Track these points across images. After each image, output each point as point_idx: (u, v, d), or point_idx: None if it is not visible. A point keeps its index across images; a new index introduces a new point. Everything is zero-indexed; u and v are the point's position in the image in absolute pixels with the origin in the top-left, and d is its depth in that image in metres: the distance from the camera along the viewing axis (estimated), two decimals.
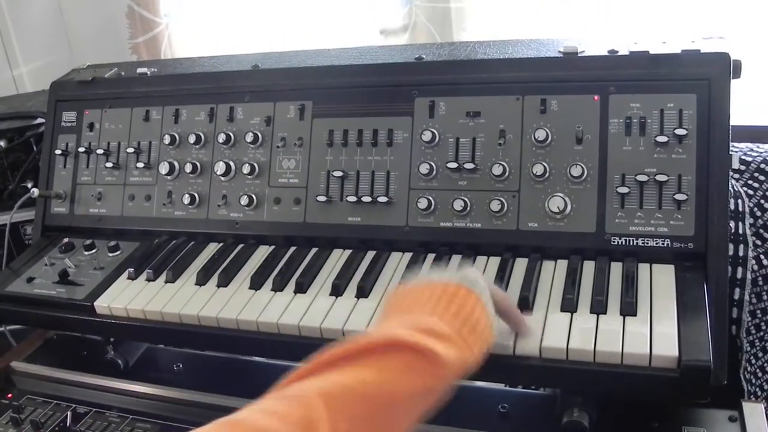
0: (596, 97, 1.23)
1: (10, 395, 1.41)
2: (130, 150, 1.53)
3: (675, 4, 1.85)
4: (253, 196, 1.42)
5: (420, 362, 0.84)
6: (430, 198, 1.29)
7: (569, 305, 1.10)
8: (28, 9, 2.52)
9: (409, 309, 0.94)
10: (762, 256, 1.37)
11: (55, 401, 1.37)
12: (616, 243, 1.19)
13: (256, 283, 1.31)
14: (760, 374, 1.42)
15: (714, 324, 1.05)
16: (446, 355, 0.85)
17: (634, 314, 1.07)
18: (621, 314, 1.07)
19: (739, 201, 1.36)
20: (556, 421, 1.13)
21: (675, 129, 1.17)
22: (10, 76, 2.57)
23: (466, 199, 1.27)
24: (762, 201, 1.39)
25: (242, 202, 1.42)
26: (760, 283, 1.37)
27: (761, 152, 1.44)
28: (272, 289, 1.29)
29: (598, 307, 1.09)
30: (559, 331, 1.06)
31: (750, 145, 1.48)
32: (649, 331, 1.03)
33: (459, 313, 0.92)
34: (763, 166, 1.42)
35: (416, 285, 0.98)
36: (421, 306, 0.93)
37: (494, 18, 2.04)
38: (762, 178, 1.41)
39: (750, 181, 1.41)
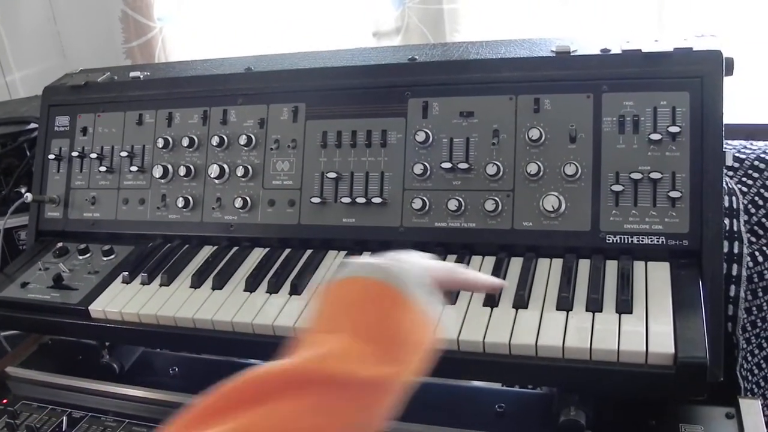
0: (589, 96, 1.23)
1: (5, 401, 1.40)
2: (124, 154, 1.53)
3: (667, 3, 1.85)
4: (248, 198, 1.41)
5: (338, 391, 0.70)
6: (425, 198, 1.29)
7: (565, 304, 1.10)
8: (21, 15, 2.52)
9: (329, 320, 0.80)
10: (757, 253, 1.37)
11: (50, 406, 1.37)
12: (610, 241, 1.19)
13: (251, 286, 1.31)
14: (756, 371, 1.42)
15: (710, 321, 1.05)
16: (368, 375, 0.72)
17: (630, 312, 1.07)
18: (617, 312, 1.07)
19: (734, 198, 1.36)
20: (553, 419, 1.13)
21: (668, 127, 1.17)
22: (3, 82, 2.56)
23: (460, 199, 1.26)
24: (756, 198, 1.39)
25: (236, 205, 1.41)
26: (756, 280, 1.37)
27: (755, 149, 1.45)
28: (267, 291, 1.29)
29: (594, 306, 1.09)
30: (555, 330, 1.06)
31: (744, 142, 1.48)
32: (645, 329, 1.03)
33: (382, 323, 0.77)
34: (757, 163, 1.42)
35: (340, 284, 0.83)
36: (341, 318, 0.79)
37: (487, 19, 2.04)
38: (756, 175, 1.42)
39: (744, 178, 1.41)
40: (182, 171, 1.46)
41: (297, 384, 0.68)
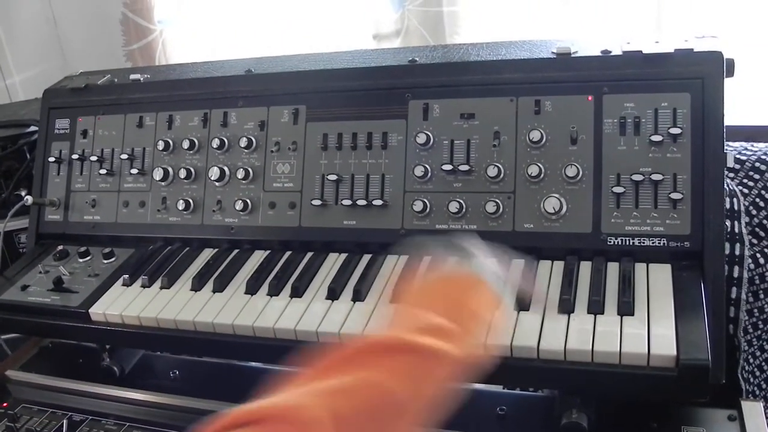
0: (590, 98, 1.23)
1: (5, 404, 1.40)
2: (124, 156, 1.53)
3: (665, 5, 1.85)
4: (248, 201, 1.41)
5: (426, 362, 0.83)
6: (426, 200, 1.28)
7: (566, 306, 1.10)
8: (21, 17, 2.52)
9: (417, 304, 0.93)
10: (758, 255, 1.37)
11: (51, 410, 1.37)
12: (612, 243, 1.18)
13: (251, 288, 1.30)
14: (757, 373, 1.41)
15: (711, 323, 1.05)
16: (452, 354, 0.85)
17: (632, 314, 1.06)
18: (618, 314, 1.07)
19: (735, 200, 1.36)
20: (554, 422, 1.13)
21: (669, 128, 1.17)
22: (3, 85, 2.56)
23: (461, 201, 1.26)
24: (757, 200, 1.39)
25: (237, 207, 1.41)
26: (757, 281, 1.37)
27: (756, 151, 1.44)
28: (268, 294, 1.29)
29: (596, 308, 1.09)
30: (557, 332, 1.06)
31: (744, 144, 1.48)
32: (647, 331, 1.03)
33: (465, 306, 0.92)
34: (758, 164, 1.42)
35: (427, 279, 1.01)
36: (429, 302, 0.93)
37: (487, 22, 2.04)
38: (757, 176, 1.41)
39: (745, 180, 1.41)
40: (183, 173, 1.46)
41: (394, 351, 0.82)
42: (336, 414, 0.71)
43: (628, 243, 1.18)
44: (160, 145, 1.49)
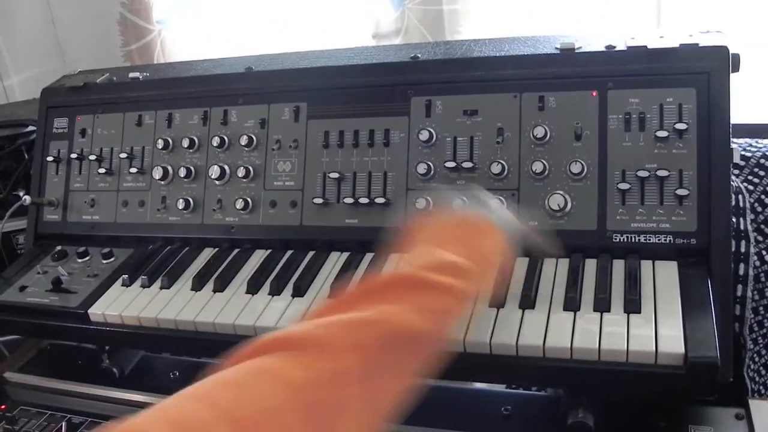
0: (594, 93, 1.22)
1: (3, 406, 1.38)
2: (123, 155, 1.52)
3: (664, 1, 1.85)
4: (249, 199, 1.40)
5: (441, 298, 0.86)
6: (428, 198, 1.27)
7: (572, 304, 1.09)
8: (19, 18, 2.50)
9: (433, 242, 0.96)
10: (764, 252, 1.36)
11: (49, 412, 1.36)
12: (617, 240, 1.17)
13: (252, 288, 1.29)
14: (763, 371, 1.40)
15: (719, 320, 1.03)
16: (466, 291, 0.90)
17: (638, 312, 1.05)
18: (625, 312, 1.06)
19: (740, 196, 1.35)
20: (560, 422, 1.12)
21: (675, 124, 1.16)
22: (1, 86, 2.55)
23: (464, 199, 1.25)
24: (763, 196, 1.38)
25: (237, 206, 1.40)
26: (763, 279, 1.36)
27: (761, 147, 1.43)
28: (269, 294, 1.27)
29: (602, 306, 1.07)
30: (563, 330, 1.04)
31: (749, 140, 1.47)
32: (654, 329, 1.01)
33: (479, 248, 0.96)
34: (762, 161, 1.40)
35: (441, 219, 1.04)
36: (444, 241, 0.95)
37: (487, 20, 2.03)
38: (762, 173, 1.40)
39: (750, 177, 1.40)
40: (182, 172, 1.45)
41: (412, 287, 0.85)
42: (358, 344, 0.74)
43: (633, 240, 1.16)
44: (160, 144, 1.48)
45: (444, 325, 0.87)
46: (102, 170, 1.53)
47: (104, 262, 1.45)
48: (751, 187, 1.39)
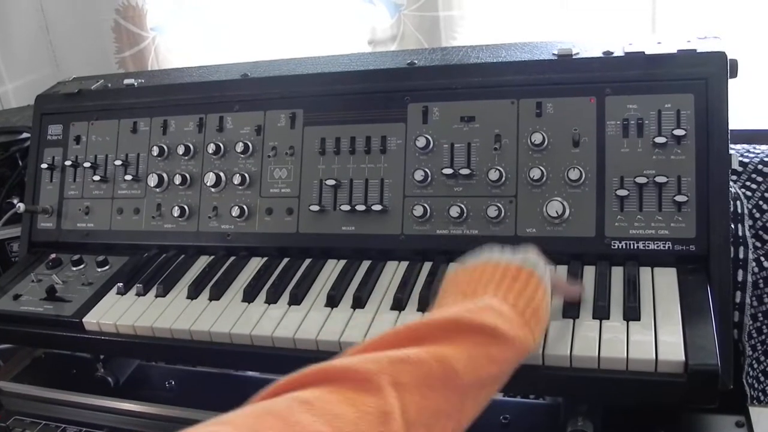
0: (592, 99, 1.21)
1: None
2: (118, 162, 1.51)
3: (659, 8, 1.84)
4: (245, 207, 1.39)
5: (486, 342, 0.83)
6: (426, 205, 1.27)
7: (571, 311, 1.08)
8: (13, 24, 2.49)
9: (471, 290, 0.93)
10: (762, 258, 1.35)
11: (44, 422, 1.35)
12: (616, 247, 1.17)
13: (249, 296, 1.28)
14: (762, 378, 1.40)
15: (719, 327, 1.03)
16: (512, 335, 0.86)
17: (638, 319, 1.05)
18: (624, 319, 1.05)
19: (738, 203, 1.34)
20: (560, 430, 1.11)
21: (673, 129, 1.16)
22: None
23: (462, 206, 1.24)
24: (761, 202, 1.38)
25: (233, 214, 1.39)
26: (761, 285, 1.35)
27: (758, 153, 1.43)
28: (266, 302, 1.27)
29: (601, 313, 1.07)
30: (562, 338, 1.04)
31: (746, 146, 1.46)
32: (654, 336, 1.01)
33: (522, 294, 0.92)
34: (760, 167, 1.40)
35: (477, 265, 0.97)
36: (484, 286, 0.92)
37: (483, 26, 2.02)
38: (760, 179, 1.40)
39: (748, 183, 1.40)
40: (178, 179, 1.44)
41: (454, 329, 0.83)
42: (398, 381, 0.73)
43: (632, 247, 1.16)
44: (155, 151, 1.47)
45: (488, 370, 0.83)
46: (97, 177, 1.52)
47: (99, 270, 1.45)
48: (749, 193, 1.39)
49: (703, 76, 1.16)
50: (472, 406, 0.82)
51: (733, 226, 1.33)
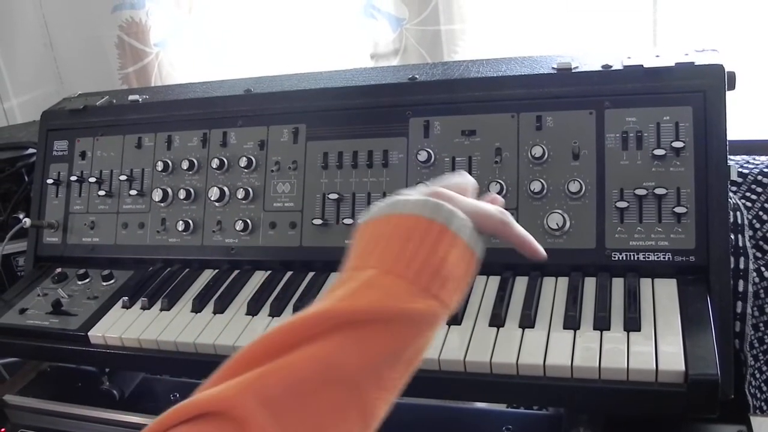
0: (592, 113, 1.22)
1: (3, 429, 1.38)
2: (123, 178, 1.52)
3: (660, 20, 1.86)
4: (248, 221, 1.40)
5: (367, 326, 0.71)
6: None
7: (572, 322, 1.09)
8: (18, 41, 2.52)
9: (360, 261, 0.78)
10: (763, 268, 1.36)
11: None
12: (616, 258, 1.18)
13: (253, 309, 1.29)
14: (764, 388, 1.40)
15: (719, 337, 1.04)
16: (401, 308, 0.72)
17: (638, 330, 1.05)
18: (625, 330, 1.06)
19: (738, 213, 1.35)
20: None
21: (672, 142, 1.17)
22: (1, 109, 2.56)
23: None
24: (761, 213, 1.38)
25: (237, 228, 1.40)
26: (762, 295, 1.36)
27: (758, 164, 1.44)
28: (270, 315, 1.27)
29: (602, 324, 1.07)
30: (563, 349, 1.04)
31: (746, 157, 1.47)
32: (654, 347, 1.01)
33: (415, 257, 0.75)
34: (760, 177, 1.41)
35: (376, 221, 0.80)
36: (370, 254, 0.77)
37: (485, 40, 2.04)
38: (759, 190, 1.41)
39: (748, 193, 1.40)
40: (182, 194, 1.45)
41: (327, 325, 0.70)
42: (267, 397, 0.65)
43: (632, 258, 1.17)
44: (159, 166, 1.49)
45: (376, 349, 0.71)
46: (102, 192, 1.53)
47: (104, 284, 1.46)
48: (749, 204, 1.39)
49: (701, 89, 1.17)
50: (376, 391, 0.71)
51: (733, 236, 1.33)
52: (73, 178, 1.57)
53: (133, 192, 1.51)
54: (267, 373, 0.67)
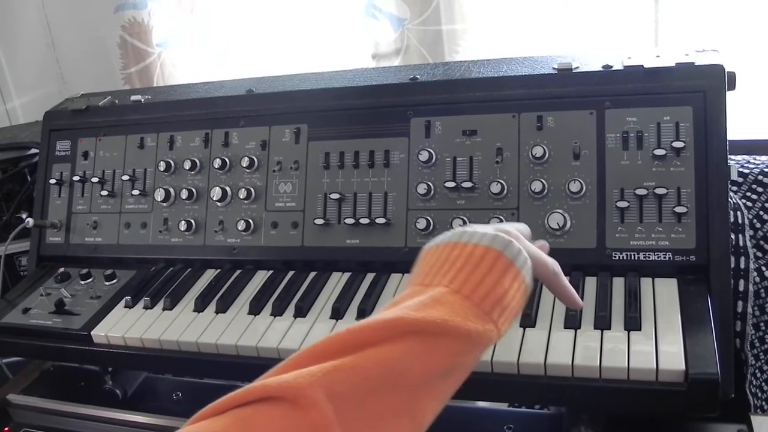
0: (592, 113, 1.23)
1: (6, 429, 1.39)
2: (125, 178, 1.53)
3: (662, 20, 1.86)
4: (250, 220, 1.41)
5: (432, 338, 0.76)
6: (429, 218, 1.28)
7: (573, 322, 1.09)
8: (20, 41, 2.52)
9: (429, 279, 0.85)
10: (763, 268, 1.36)
11: None
12: (617, 258, 1.18)
13: (255, 309, 1.30)
14: (765, 387, 1.40)
15: (719, 336, 1.04)
16: (465, 328, 0.78)
17: (639, 329, 1.06)
18: (625, 329, 1.06)
19: (739, 213, 1.35)
20: None
21: (672, 142, 1.17)
22: (3, 109, 2.56)
23: (464, 219, 1.26)
24: (761, 212, 1.39)
25: (239, 227, 1.41)
26: (763, 295, 1.36)
27: (758, 164, 1.44)
28: (272, 314, 1.28)
29: (602, 323, 1.08)
30: (564, 348, 1.05)
31: (747, 156, 1.48)
32: (655, 346, 1.02)
33: (482, 283, 0.81)
34: (760, 177, 1.41)
35: (445, 245, 0.88)
36: (442, 275, 0.84)
37: (486, 40, 2.04)
38: (760, 189, 1.41)
39: (748, 193, 1.41)
40: (184, 194, 1.46)
41: (397, 332, 0.75)
42: (333, 391, 0.69)
43: (633, 258, 1.17)
44: (162, 166, 1.49)
45: (435, 362, 0.77)
46: (104, 192, 1.54)
47: (107, 283, 1.46)
48: (749, 204, 1.40)
49: (702, 89, 1.17)
50: (429, 401, 0.76)
51: (734, 236, 1.34)
52: (76, 178, 1.58)
53: (136, 192, 1.51)
54: (337, 368, 0.71)
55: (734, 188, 1.41)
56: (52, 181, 1.60)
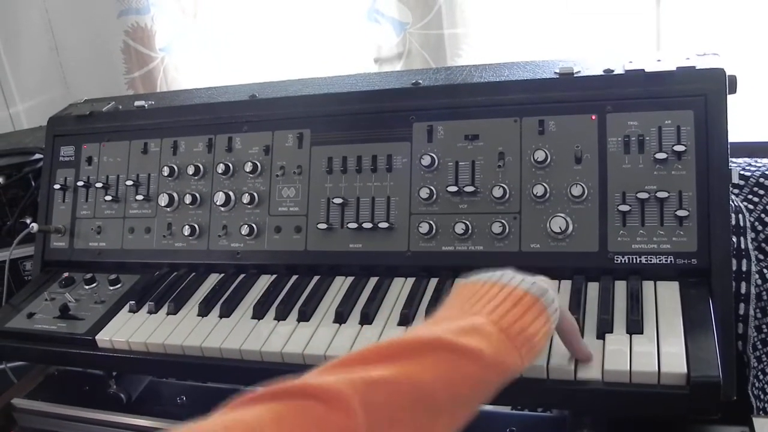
0: (594, 117, 1.23)
1: None
2: (129, 183, 1.54)
3: (664, 24, 1.87)
4: (254, 225, 1.41)
5: (465, 364, 0.81)
6: (431, 222, 1.29)
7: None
8: (24, 46, 2.53)
9: (469, 306, 0.91)
10: (765, 270, 1.37)
11: None
12: (619, 261, 1.18)
13: (258, 313, 1.30)
14: None
15: (721, 339, 1.04)
16: (496, 359, 0.84)
17: (641, 332, 1.06)
18: (627, 333, 1.06)
19: (740, 216, 1.36)
20: None
21: (673, 145, 1.17)
22: (7, 114, 2.57)
23: (467, 223, 1.26)
24: (763, 215, 1.39)
25: (243, 232, 1.41)
26: (765, 297, 1.37)
27: (759, 166, 1.44)
28: (275, 319, 1.28)
29: (604, 327, 1.08)
30: (566, 352, 1.05)
31: (748, 159, 1.48)
32: (657, 349, 1.02)
33: (519, 320, 0.88)
34: (762, 180, 1.42)
35: (485, 282, 0.94)
36: (482, 305, 0.90)
37: (488, 44, 2.05)
38: (762, 192, 1.41)
39: (750, 196, 1.41)
40: (188, 199, 1.47)
41: (433, 349, 0.81)
42: (368, 401, 0.73)
43: (635, 261, 1.18)
44: (165, 171, 1.50)
45: (465, 391, 0.82)
46: (108, 198, 1.55)
47: (111, 288, 1.47)
48: (751, 206, 1.40)
49: (703, 93, 1.18)
50: (448, 423, 0.80)
51: (735, 239, 1.34)
52: (80, 183, 1.59)
53: (140, 197, 1.52)
54: (375, 380, 0.75)
55: (736, 191, 1.41)
56: (56, 186, 1.61)
